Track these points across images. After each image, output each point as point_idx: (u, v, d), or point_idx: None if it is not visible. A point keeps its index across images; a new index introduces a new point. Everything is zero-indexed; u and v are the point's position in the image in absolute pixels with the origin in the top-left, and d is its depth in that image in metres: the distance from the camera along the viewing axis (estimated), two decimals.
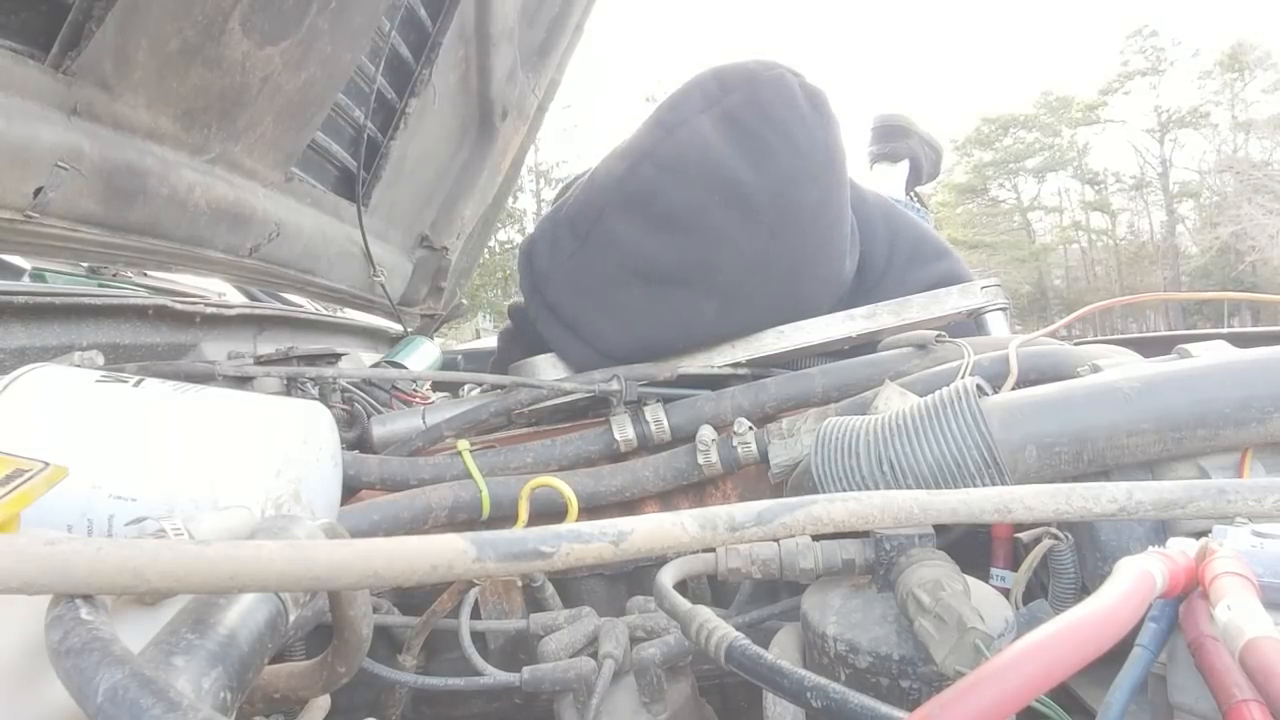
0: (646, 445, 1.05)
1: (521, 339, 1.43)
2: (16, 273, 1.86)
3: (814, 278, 1.22)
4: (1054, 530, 0.71)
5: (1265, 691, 0.35)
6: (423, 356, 1.94)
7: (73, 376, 0.69)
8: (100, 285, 1.90)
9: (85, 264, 1.95)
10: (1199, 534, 0.51)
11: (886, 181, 2.27)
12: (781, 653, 0.63)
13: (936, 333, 1.05)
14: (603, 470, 1.01)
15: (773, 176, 1.16)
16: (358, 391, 1.36)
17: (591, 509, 0.99)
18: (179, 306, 1.33)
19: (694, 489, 1.04)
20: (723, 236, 1.16)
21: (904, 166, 2.29)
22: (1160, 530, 0.66)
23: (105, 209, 1.14)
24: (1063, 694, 0.64)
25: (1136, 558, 0.45)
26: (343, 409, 1.27)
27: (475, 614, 0.93)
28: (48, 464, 0.46)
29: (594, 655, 0.77)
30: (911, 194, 2.32)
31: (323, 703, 0.64)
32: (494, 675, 0.79)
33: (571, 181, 1.56)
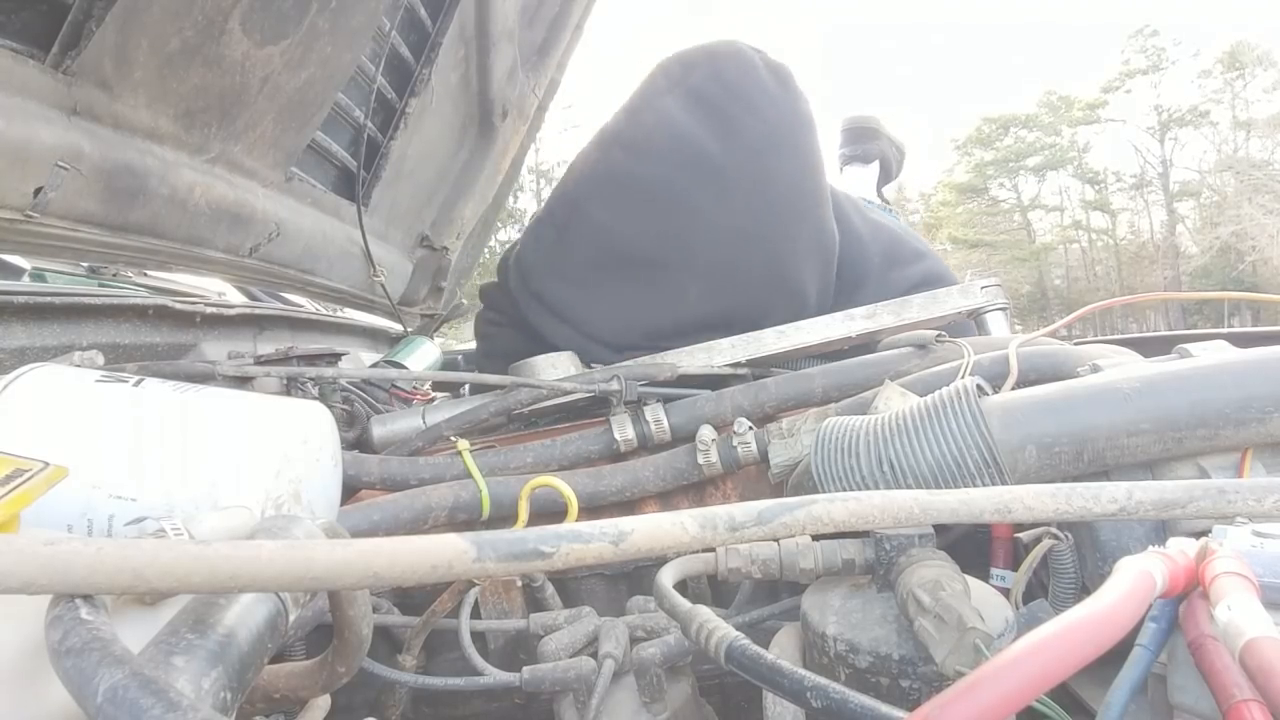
0: (646, 445, 1.05)
1: (505, 323, 1.45)
2: (16, 273, 1.86)
3: (796, 251, 1.21)
4: (1054, 530, 0.71)
5: (1265, 691, 0.35)
6: (423, 356, 1.94)
7: (73, 376, 0.69)
8: (100, 285, 1.90)
9: (85, 264, 1.95)
10: (1199, 534, 0.51)
11: (858, 183, 2.29)
12: (781, 653, 0.63)
13: (936, 333, 1.05)
14: (603, 470, 1.01)
15: (741, 148, 1.16)
16: (357, 391, 1.36)
17: (591, 509, 0.99)
18: (179, 306, 1.33)
19: (694, 489, 1.04)
20: (697, 213, 1.16)
21: (874, 167, 2.31)
22: (1160, 530, 0.66)
23: (105, 209, 1.14)
24: (1063, 694, 0.64)
25: (1136, 558, 0.45)
26: (343, 409, 1.27)
27: (475, 614, 0.93)
28: (48, 464, 0.46)
29: (594, 655, 0.76)
30: (880, 194, 2.34)
31: (323, 703, 0.64)
32: (494, 675, 0.79)
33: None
